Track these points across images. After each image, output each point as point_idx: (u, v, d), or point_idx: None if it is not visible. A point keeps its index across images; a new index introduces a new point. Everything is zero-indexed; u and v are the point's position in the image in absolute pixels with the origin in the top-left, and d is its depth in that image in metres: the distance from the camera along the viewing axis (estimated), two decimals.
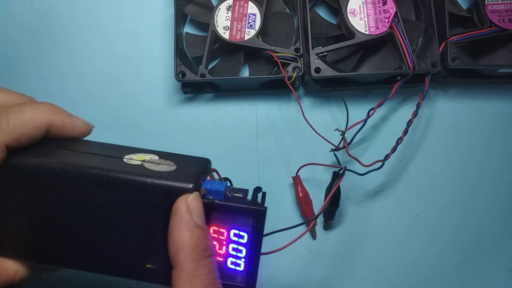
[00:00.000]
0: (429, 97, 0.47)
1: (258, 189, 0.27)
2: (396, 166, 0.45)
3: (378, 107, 0.41)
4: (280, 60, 0.42)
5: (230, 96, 0.46)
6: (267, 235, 0.27)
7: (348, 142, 0.41)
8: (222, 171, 0.30)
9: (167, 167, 0.26)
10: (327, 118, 0.46)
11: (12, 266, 0.27)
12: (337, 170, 0.41)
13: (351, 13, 0.43)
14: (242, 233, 0.26)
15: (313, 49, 0.42)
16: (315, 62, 0.42)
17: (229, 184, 0.28)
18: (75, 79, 0.47)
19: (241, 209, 0.25)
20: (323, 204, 0.38)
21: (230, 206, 0.25)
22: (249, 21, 0.44)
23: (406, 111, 0.46)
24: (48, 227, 0.26)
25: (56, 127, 0.27)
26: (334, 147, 0.41)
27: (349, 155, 0.40)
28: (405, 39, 0.42)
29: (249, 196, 0.27)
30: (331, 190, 0.39)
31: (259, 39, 0.43)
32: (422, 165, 0.45)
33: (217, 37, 0.43)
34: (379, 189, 0.45)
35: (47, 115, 0.26)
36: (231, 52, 0.45)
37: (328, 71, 0.42)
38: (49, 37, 0.48)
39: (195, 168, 0.26)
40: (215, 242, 0.26)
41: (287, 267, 0.43)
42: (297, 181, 0.43)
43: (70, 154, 0.27)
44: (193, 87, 0.46)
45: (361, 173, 0.40)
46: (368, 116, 0.41)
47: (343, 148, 0.41)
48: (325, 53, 0.43)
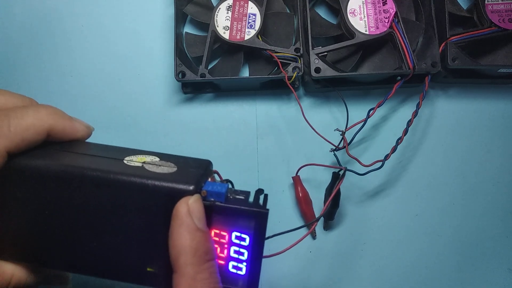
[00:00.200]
0: (429, 97, 0.47)
1: (260, 191, 0.27)
2: (396, 166, 0.45)
3: (378, 107, 0.41)
4: (280, 60, 0.42)
5: (230, 96, 0.46)
6: (268, 238, 0.27)
7: (348, 142, 0.41)
8: (222, 171, 0.30)
9: (168, 168, 0.26)
10: (327, 118, 0.46)
11: (9, 269, 0.26)
12: (336, 170, 0.41)
13: (351, 13, 0.43)
14: (244, 235, 0.26)
15: (313, 49, 0.42)
16: (315, 62, 0.42)
17: (230, 186, 0.27)
18: (75, 79, 0.47)
19: (243, 211, 0.25)
20: (324, 207, 0.38)
21: (232, 208, 0.25)
22: (249, 21, 0.44)
23: (406, 111, 0.46)
24: (47, 229, 0.26)
25: (57, 131, 0.27)
26: (334, 147, 0.41)
27: (349, 155, 0.40)
28: (405, 39, 0.42)
29: (251, 198, 0.26)
30: (332, 191, 0.39)
31: (259, 39, 0.43)
32: (422, 165, 0.45)
33: (217, 37, 0.43)
34: (379, 189, 0.45)
35: (48, 119, 0.26)
36: (231, 52, 0.45)
37: (328, 71, 0.42)
38: (49, 37, 0.48)
39: (196, 170, 0.26)
40: (216, 245, 0.26)
41: (287, 267, 0.43)
42: (297, 181, 0.43)
43: (70, 156, 0.26)
44: (193, 87, 0.46)
45: (361, 173, 0.40)
46: (368, 116, 0.41)
47: (343, 148, 0.41)
48: (325, 53, 0.43)
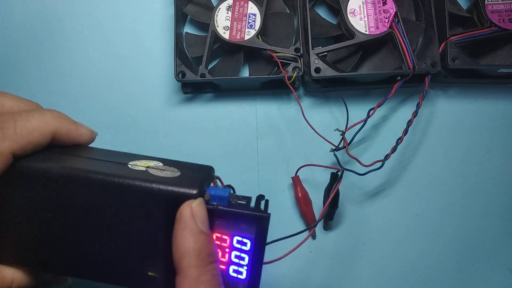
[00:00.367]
0: (429, 97, 0.47)
1: (261, 196, 0.27)
2: (396, 166, 0.45)
3: (378, 107, 0.41)
4: (280, 60, 0.42)
5: (230, 96, 0.46)
6: (269, 243, 0.27)
7: (348, 142, 0.41)
8: (222, 171, 0.30)
9: (171, 173, 0.26)
10: (327, 118, 0.46)
11: (9, 273, 0.27)
12: (335, 171, 0.41)
13: (351, 13, 0.43)
14: (245, 240, 0.26)
15: (313, 49, 0.42)
16: (315, 62, 0.42)
17: (232, 191, 0.28)
18: (75, 79, 0.47)
19: (245, 215, 0.26)
20: (323, 209, 0.38)
21: (234, 212, 0.26)
22: (249, 21, 0.43)
23: (406, 111, 0.46)
24: (49, 232, 0.26)
25: (61, 135, 0.27)
26: (334, 147, 0.41)
27: (349, 155, 0.40)
28: (405, 39, 0.42)
29: (252, 204, 0.27)
30: (330, 193, 0.39)
31: (259, 39, 0.43)
32: (422, 165, 0.45)
33: (217, 37, 0.43)
34: (379, 189, 0.45)
35: (54, 122, 0.26)
36: (231, 52, 0.45)
37: (328, 71, 0.42)
38: (49, 37, 0.48)
39: (199, 175, 0.27)
40: (217, 250, 0.26)
41: (287, 267, 0.43)
42: (296, 181, 0.43)
43: (75, 159, 0.27)
44: (193, 87, 0.46)
45: (361, 173, 0.40)
46: (368, 116, 0.41)
47: (343, 148, 0.41)
48: (325, 53, 0.43)
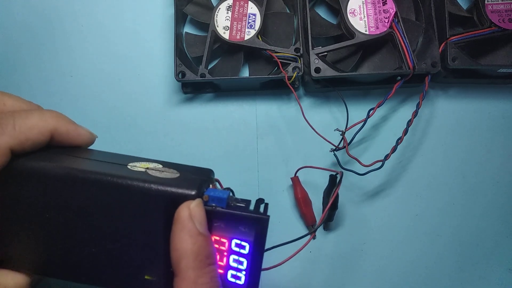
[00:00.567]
0: (429, 97, 0.47)
1: (260, 200, 0.27)
2: (396, 166, 0.45)
3: (378, 107, 0.41)
4: (280, 60, 0.42)
5: (230, 96, 0.46)
6: (268, 249, 0.27)
7: (348, 142, 0.41)
8: (222, 171, 0.30)
9: (171, 174, 0.26)
10: (327, 118, 0.46)
11: (10, 277, 0.26)
12: (333, 173, 0.40)
13: (351, 13, 0.43)
14: (244, 243, 0.26)
15: (313, 49, 0.42)
16: (315, 62, 0.42)
17: (231, 194, 0.28)
18: (75, 79, 0.47)
19: (244, 217, 0.25)
20: (323, 214, 0.38)
21: (233, 214, 0.25)
22: (249, 21, 0.43)
23: (406, 111, 0.46)
24: (46, 233, 0.26)
25: (60, 134, 0.27)
26: (334, 147, 0.41)
27: (349, 155, 0.40)
28: (405, 39, 0.42)
29: (251, 207, 0.27)
30: (329, 196, 0.38)
31: (259, 39, 0.43)
32: (422, 165, 0.45)
33: (217, 37, 0.43)
34: (379, 189, 0.45)
35: (53, 121, 0.26)
36: (231, 52, 0.45)
37: (328, 71, 0.42)
38: (49, 37, 0.48)
39: (198, 176, 0.27)
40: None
41: (287, 267, 0.42)
42: (295, 182, 0.43)
43: (74, 159, 0.27)
44: (193, 87, 0.46)
45: (361, 173, 0.40)
46: (368, 116, 0.41)
47: (343, 148, 0.41)
48: (325, 53, 0.43)
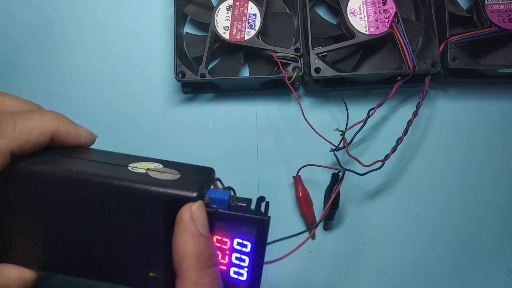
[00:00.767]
0: (429, 97, 0.47)
1: (261, 198, 0.27)
2: (396, 166, 0.45)
3: (378, 107, 0.41)
4: (280, 60, 0.42)
5: (230, 96, 0.46)
6: (269, 243, 0.27)
7: (348, 142, 0.41)
8: (222, 171, 0.30)
9: (171, 175, 0.26)
10: (327, 118, 0.46)
11: (12, 271, 0.26)
12: (336, 171, 0.41)
13: (351, 13, 0.43)
14: (245, 242, 0.26)
15: (313, 49, 0.42)
16: (315, 62, 0.42)
17: (232, 193, 0.28)
18: (75, 79, 0.47)
19: (245, 218, 0.26)
20: (324, 210, 0.38)
21: (234, 215, 0.26)
22: (249, 21, 0.43)
23: (406, 111, 0.46)
24: (51, 233, 0.26)
25: (61, 135, 0.27)
26: (334, 147, 0.41)
27: (349, 155, 0.40)
28: (405, 39, 0.42)
29: (253, 206, 0.27)
30: (331, 194, 0.39)
31: (259, 39, 0.43)
32: (422, 165, 0.45)
33: (217, 37, 0.43)
34: (379, 189, 0.45)
35: (53, 122, 0.26)
36: (231, 52, 0.45)
37: (328, 71, 0.42)
38: (49, 37, 0.48)
39: (198, 177, 0.27)
40: (217, 252, 0.26)
41: (287, 267, 0.43)
42: (297, 181, 0.43)
43: (75, 161, 0.27)
44: (193, 87, 0.46)
45: (361, 173, 0.40)
46: (368, 116, 0.41)
47: (343, 148, 0.41)
48: (325, 53, 0.43)
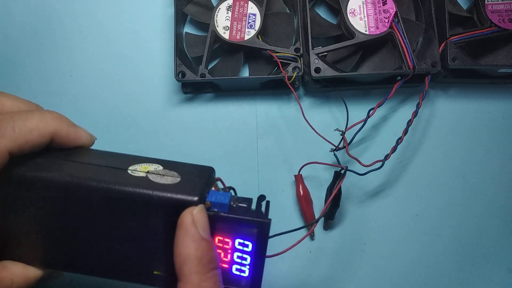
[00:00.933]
0: (429, 97, 0.47)
1: (262, 197, 0.27)
2: (396, 166, 0.45)
3: (378, 107, 0.41)
4: (280, 60, 0.42)
5: (230, 96, 0.46)
6: (270, 237, 0.27)
7: (348, 142, 0.41)
8: (222, 171, 0.30)
9: (172, 178, 0.26)
10: (327, 118, 0.46)
11: (18, 269, 0.27)
12: (338, 169, 0.41)
13: (351, 13, 0.43)
14: (246, 242, 0.26)
15: (313, 49, 0.42)
16: (315, 62, 0.42)
17: (233, 193, 0.28)
18: (75, 79, 0.47)
19: (246, 221, 0.26)
20: (324, 207, 0.38)
21: (235, 218, 0.26)
22: (249, 21, 0.43)
23: (406, 111, 0.46)
24: (53, 234, 0.26)
25: (60, 136, 0.27)
26: (334, 147, 0.41)
27: (349, 155, 0.40)
28: (405, 39, 0.42)
29: (253, 205, 0.27)
30: (332, 191, 0.39)
31: (259, 39, 0.43)
32: (422, 165, 0.45)
33: (217, 37, 0.43)
34: (379, 189, 0.45)
35: (53, 123, 0.26)
36: (231, 52, 0.45)
37: (328, 71, 0.42)
38: (49, 37, 0.48)
39: (199, 179, 0.27)
40: (220, 251, 0.27)
41: (287, 266, 0.43)
42: (299, 179, 0.43)
43: (75, 166, 0.27)
44: (193, 87, 0.46)
45: (361, 173, 0.40)
46: (368, 116, 0.41)
47: (343, 148, 0.41)
48: (325, 53, 0.43)
